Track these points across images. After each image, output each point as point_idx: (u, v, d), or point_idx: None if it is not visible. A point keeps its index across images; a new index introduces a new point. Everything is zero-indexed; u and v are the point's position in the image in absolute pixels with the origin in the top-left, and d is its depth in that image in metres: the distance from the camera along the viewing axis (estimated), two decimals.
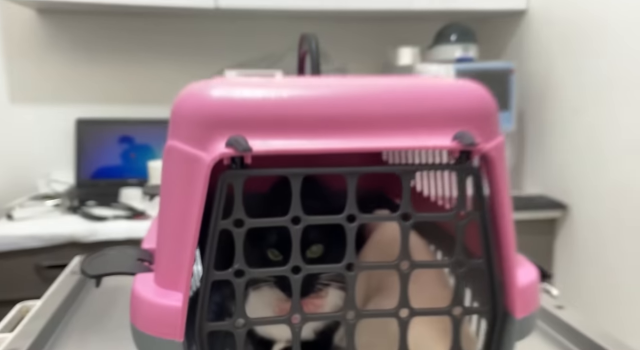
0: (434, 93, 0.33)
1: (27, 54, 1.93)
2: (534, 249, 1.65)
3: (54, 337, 0.58)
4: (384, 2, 1.81)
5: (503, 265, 0.34)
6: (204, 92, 0.33)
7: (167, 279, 0.33)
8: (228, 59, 2.01)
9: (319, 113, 0.32)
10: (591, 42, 1.60)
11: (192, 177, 0.31)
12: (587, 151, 1.64)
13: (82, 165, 1.94)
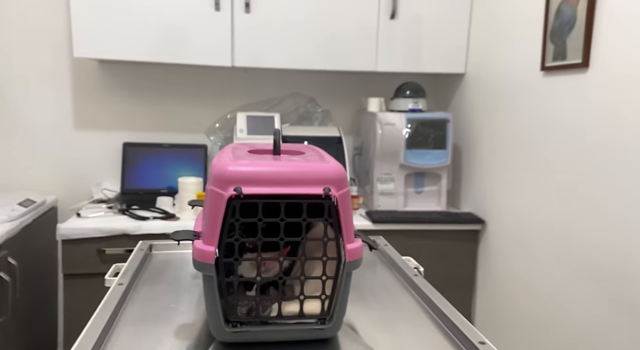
0: (319, 170, 0.71)
1: (89, 92, 2.22)
2: (463, 250, 2.03)
3: (137, 282, 0.96)
4: (359, 65, 2.06)
5: (343, 241, 0.71)
6: (225, 166, 0.71)
7: (207, 241, 0.71)
8: (239, 100, 2.33)
9: (273, 178, 0.70)
10: (505, 101, 1.85)
11: (219, 202, 0.69)
12: (500, 181, 1.88)
13: (126, 178, 2.21)
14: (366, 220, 1.98)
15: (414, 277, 0.99)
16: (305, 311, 0.71)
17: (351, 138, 2.43)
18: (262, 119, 2.11)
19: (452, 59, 2.14)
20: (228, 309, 0.69)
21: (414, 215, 2.00)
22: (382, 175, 2.08)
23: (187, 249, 1.16)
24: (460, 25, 2.11)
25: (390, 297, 0.93)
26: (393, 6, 2.05)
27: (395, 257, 1.13)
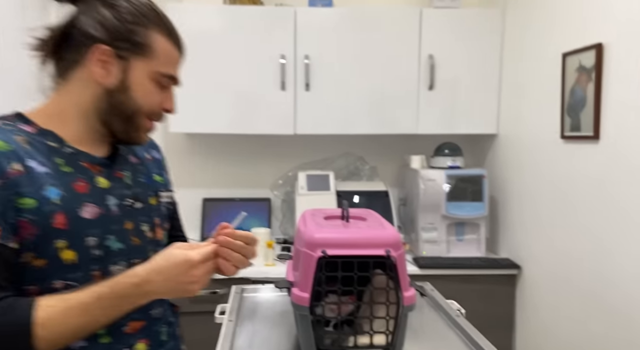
0: (381, 236, 0.94)
1: (176, 157, 2.55)
2: (502, 293, 2.18)
3: (239, 319, 1.20)
4: (402, 128, 2.30)
5: (401, 290, 0.93)
6: (313, 234, 0.95)
7: (301, 288, 0.94)
8: (298, 160, 2.60)
9: (348, 243, 0.93)
10: (534, 160, 2.01)
11: (310, 260, 0.93)
12: (533, 230, 2.02)
13: (205, 228, 2.48)
14: (413, 266, 2.16)
15: (456, 318, 1.18)
16: (374, 342, 0.93)
17: (396, 189, 2.65)
18: (319, 177, 2.37)
19: (486, 121, 2.35)
20: (318, 339, 0.92)
21: (456, 261, 2.17)
22: (426, 224, 2.27)
23: (270, 293, 1.40)
24: (492, 91, 2.34)
25: (437, 334, 1.13)
26: (430, 79, 2.31)
27: (440, 300, 1.32)
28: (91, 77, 0.83)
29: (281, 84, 2.26)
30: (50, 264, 0.78)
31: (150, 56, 0.84)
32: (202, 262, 0.80)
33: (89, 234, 0.81)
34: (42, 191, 0.77)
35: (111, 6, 0.83)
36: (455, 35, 2.30)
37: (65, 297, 0.75)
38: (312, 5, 2.35)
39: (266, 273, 2.07)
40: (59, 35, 0.83)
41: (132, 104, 0.85)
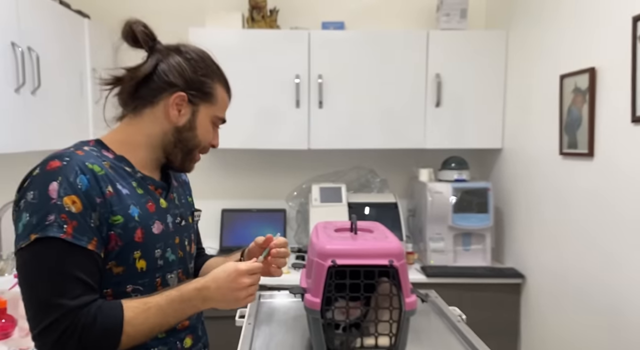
0: (385, 247, 1.03)
1: (196, 170, 2.68)
2: (507, 301, 2.24)
3: (257, 322, 1.29)
4: (410, 143, 2.39)
5: (403, 296, 1.01)
6: (324, 245, 1.04)
7: (313, 294, 1.03)
8: (312, 173, 2.69)
9: (356, 253, 1.02)
10: (536, 173, 2.07)
11: (321, 269, 1.02)
12: (536, 240, 2.07)
13: (224, 237, 2.59)
14: (421, 274, 2.23)
15: (457, 323, 1.25)
16: (379, 344, 1.01)
17: (405, 201, 2.72)
18: (331, 189, 2.47)
19: (491, 137, 2.42)
20: (328, 341, 1.01)
21: (463, 270, 2.24)
22: (434, 235, 2.35)
23: (285, 299, 1.49)
24: (496, 108, 2.41)
25: (438, 338, 1.21)
26: (437, 96, 2.40)
27: (443, 306, 1.39)
28: (164, 116, 0.96)
29: (296, 102, 2.36)
30: (127, 271, 0.90)
31: (214, 103, 1.01)
32: (249, 272, 0.92)
33: (157, 247, 0.95)
34: (127, 210, 0.90)
35: (187, 59, 0.97)
36: (460, 55, 2.38)
37: (144, 300, 0.88)
38: (325, 29, 2.46)
39: (281, 280, 2.15)
40: (142, 77, 0.95)
41: (195, 141, 1.00)
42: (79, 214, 0.83)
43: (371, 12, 2.67)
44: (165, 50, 0.98)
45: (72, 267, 0.82)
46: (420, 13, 2.66)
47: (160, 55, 0.97)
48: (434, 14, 2.58)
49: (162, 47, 0.99)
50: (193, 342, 1.03)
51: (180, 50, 0.98)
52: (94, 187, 0.86)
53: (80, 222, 0.83)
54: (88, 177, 0.86)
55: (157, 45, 0.99)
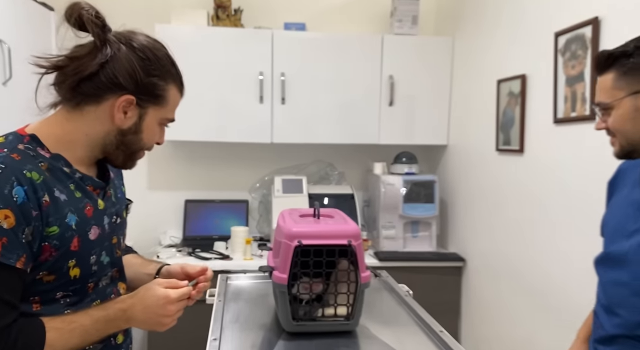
0: (345, 229, 1.14)
1: (160, 162, 2.66)
2: (450, 282, 2.43)
3: (226, 300, 1.37)
4: (366, 139, 2.52)
5: (359, 271, 1.13)
6: (291, 228, 1.14)
7: (281, 271, 1.13)
8: (274, 166, 2.76)
9: (319, 235, 1.13)
10: (475, 167, 2.25)
11: (288, 249, 1.11)
12: (476, 228, 2.25)
13: (187, 227, 2.61)
14: (374, 259, 2.38)
15: (405, 297, 1.39)
16: (338, 313, 1.12)
17: (361, 192, 2.86)
18: (293, 181, 2.56)
19: (437, 134, 2.59)
20: (294, 311, 1.11)
21: (411, 254, 2.40)
22: (386, 223, 2.50)
23: (250, 280, 1.58)
24: (443, 108, 2.58)
25: (388, 309, 1.34)
26: (391, 96, 2.54)
27: (393, 284, 1.53)
28: (108, 117, 0.86)
29: (259, 97, 2.43)
30: (58, 279, 0.84)
31: (164, 105, 0.91)
32: (178, 301, 0.89)
33: (92, 253, 0.88)
34: (64, 219, 0.82)
35: (140, 58, 0.86)
36: (412, 59, 2.53)
37: (69, 319, 0.82)
38: (287, 29, 2.55)
39: (245, 266, 2.23)
40: (87, 74, 0.84)
41: (140, 144, 0.92)
42: (10, 230, 0.75)
43: (331, 15, 2.77)
44: (116, 43, 0.85)
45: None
46: (375, 18, 2.79)
47: (110, 49, 0.85)
48: (388, 19, 2.72)
49: (113, 39, 0.86)
50: (124, 338, 1.00)
51: (133, 46, 0.86)
52: (31, 199, 0.77)
53: (10, 238, 0.75)
54: (25, 188, 0.77)
55: (108, 36, 0.86)
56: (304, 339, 1.10)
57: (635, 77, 0.92)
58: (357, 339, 1.12)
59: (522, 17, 1.86)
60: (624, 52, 0.94)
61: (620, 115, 0.95)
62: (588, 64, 1.46)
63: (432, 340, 1.13)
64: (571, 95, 1.55)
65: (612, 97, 0.96)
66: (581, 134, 1.53)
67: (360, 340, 1.12)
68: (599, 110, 1.00)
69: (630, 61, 0.92)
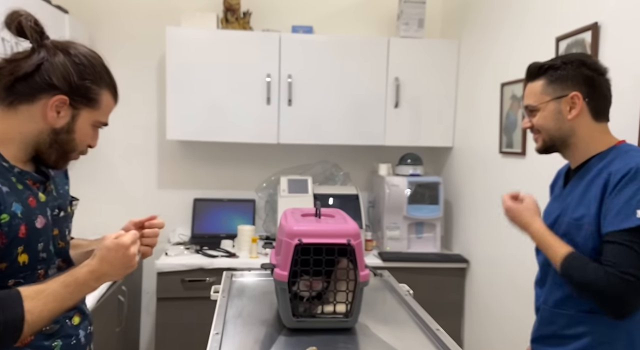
0: (344, 228, 1.17)
1: (169, 161, 2.71)
2: (453, 283, 2.45)
3: (230, 296, 1.41)
4: (371, 140, 2.53)
5: (358, 269, 1.16)
6: (292, 227, 1.18)
7: (281, 268, 1.16)
8: (280, 166, 2.80)
9: (319, 234, 1.16)
10: (480, 169, 2.27)
11: (289, 247, 1.15)
12: (480, 230, 2.26)
13: (196, 225, 2.65)
14: (378, 259, 2.40)
15: (404, 296, 1.42)
16: (337, 310, 1.16)
17: (366, 193, 2.89)
18: (298, 181, 2.60)
19: (443, 136, 2.61)
20: (294, 308, 1.15)
21: (415, 255, 2.42)
22: (390, 224, 2.52)
23: (254, 278, 1.62)
24: (448, 110, 2.60)
25: (388, 307, 1.36)
26: (396, 98, 2.56)
27: (394, 283, 1.56)
28: (41, 116, 0.91)
29: (267, 99, 2.47)
30: (9, 266, 0.88)
31: (97, 108, 0.97)
32: (132, 243, 0.93)
33: (40, 241, 0.93)
34: (11, 208, 0.87)
35: (74, 63, 0.93)
36: (418, 61, 2.56)
37: (40, 288, 0.86)
38: (295, 32, 2.58)
39: (251, 264, 2.27)
40: (22, 74, 0.89)
41: (72, 144, 0.96)
42: None
43: (338, 18, 2.80)
44: (52, 49, 0.92)
45: None
46: (382, 21, 2.82)
47: (46, 53, 0.91)
48: (395, 22, 2.74)
49: (50, 45, 0.93)
50: (80, 320, 1.05)
51: (69, 52, 0.93)
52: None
53: None
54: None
55: (46, 42, 0.93)
56: (304, 335, 1.13)
57: (560, 86, 1.14)
58: (355, 336, 1.15)
59: (525, 21, 1.88)
60: (552, 65, 1.15)
61: (544, 116, 1.16)
62: None
63: (428, 338, 1.16)
64: None
65: (540, 100, 1.17)
66: None
67: (358, 337, 1.15)
68: (526, 111, 1.21)
69: (557, 72, 1.14)
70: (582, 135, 1.14)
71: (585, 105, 1.13)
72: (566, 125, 1.14)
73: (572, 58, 1.14)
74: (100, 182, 2.68)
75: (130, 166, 2.71)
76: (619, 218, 1.02)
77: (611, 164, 1.09)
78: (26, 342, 0.91)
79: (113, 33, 2.58)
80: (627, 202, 1.02)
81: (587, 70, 1.13)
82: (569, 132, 1.15)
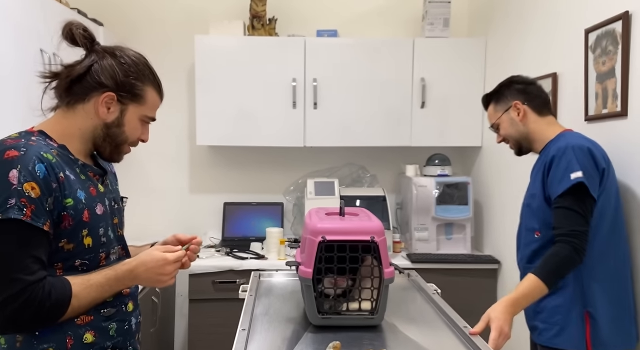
0: (368, 226, 1.17)
1: (200, 167, 2.78)
2: (485, 285, 2.39)
3: (258, 295, 1.42)
4: (398, 141, 2.53)
5: (382, 267, 1.15)
6: (316, 225, 1.18)
7: (306, 265, 1.17)
8: (307, 169, 2.81)
9: (342, 231, 1.17)
10: (510, 169, 2.21)
11: (313, 244, 1.16)
12: (512, 230, 2.20)
13: (226, 228, 2.70)
14: (406, 260, 2.38)
15: (432, 295, 1.40)
16: (362, 308, 1.15)
17: (393, 195, 2.86)
18: (325, 184, 2.61)
19: (471, 135, 2.57)
20: (319, 305, 1.15)
21: (444, 257, 2.38)
22: (418, 225, 2.49)
23: (282, 278, 1.63)
24: (476, 109, 2.55)
25: (414, 305, 1.35)
26: (422, 99, 2.54)
27: (422, 283, 1.54)
28: (94, 112, 1.03)
29: (292, 103, 2.50)
30: (76, 248, 0.98)
31: (143, 103, 1.07)
32: (174, 262, 1.03)
33: (100, 226, 1.03)
34: (76, 194, 0.98)
35: (120, 63, 1.03)
36: (443, 61, 2.53)
37: (86, 277, 0.97)
38: (320, 36, 2.61)
39: (279, 266, 2.29)
40: (76, 76, 1.01)
41: (122, 136, 1.07)
42: (37, 198, 0.90)
43: (362, 20, 2.81)
44: (101, 53, 1.03)
45: (30, 246, 0.90)
46: (407, 22, 2.81)
47: (96, 56, 1.02)
48: (420, 23, 2.73)
49: (99, 49, 1.04)
50: (134, 307, 1.12)
51: (115, 54, 1.04)
52: (50, 173, 0.93)
53: (37, 206, 0.90)
54: (45, 165, 0.92)
55: (96, 47, 1.04)
56: (330, 332, 1.14)
57: (504, 101, 1.53)
58: (381, 333, 1.15)
59: (553, 15, 1.83)
60: (493, 92, 1.57)
61: (504, 128, 1.55)
62: (619, 59, 1.42)
63: (456, 335, 1.14)
64: (602, 92, 1.51)
65: (496, 118, 1.56)
66: (613, 131, 1.49)
67: (385, 334, 1.14)
68: (494, 130, 1.59)
69: (498, 94, 1.55)
70: (535, 130, 1.48)
71: (527, 107, 1.48)
72: (521, 128, 1.50)
73: (507, 81, 1.54)
74: (136, 187, 2.77)
75: (163, 172, 2.80)
76: (558, 185, 1.33)
77: (551, 146, 1.41)
78: (87, 320, 1.00)
79: (145, 43, 2.68)
80: (563, 171, 1.32)
81: (517, 84, 1.51)
82: (525, 132, 1.50)
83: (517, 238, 1.60)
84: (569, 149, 1.33)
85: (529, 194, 1.50)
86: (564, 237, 1.32)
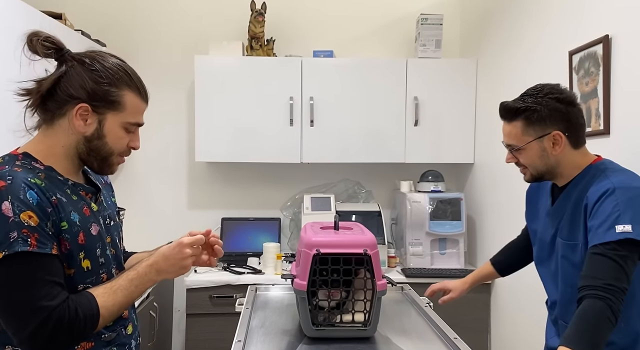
0: (361, 239, 1.20)
1: (199, 182, 2.81)
2: (478, 300, 2.40)
3: (254, 308, 1.44)
4: (392, 158, 2.57)
5: (375, 280, 1.18)
6: (311, 238, 1.21)
7: (301, 278, 1.19)
8: (304, 185, 2.85)
9: (336, 244, 1.19)
10: (502, 184, 2.26)
11: (308, 257, 1.18)
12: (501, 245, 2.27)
13: (223, 243, 2.74)
14: (401, 275, 2.39)
15: (424, 308, 1.42)
16: (355, 319, 1.17)
17: (388, 210, 2.89)
18: (322, 199, 2.64)
19: (463, 152, 2.61)
20: (313, 317, 1.17)
21: (438, 271, 2.40)
22: (413, 240, 2.52)
23: (278, 292, 1.65)
24: (468, 127, 2.60)
25: (407, 318, 1.37)
26: (416, 117, 2.59)
27: (415, 296, 1.56)
28: (72, 126, 0.95)
29: (290, 120, 2.55)
30: (76, 272, 0.95)
31: (121, 110, 0.98)
32: (191, 244, 1.00)
33: (97, 247, 0.99)
34: (70, 216, 0.93)
35: (89, 70, 0.95)
36: (436, 80, 2.59)
37: (109, 285, 0.96)
38: (316, 56, 2.67)
39: (276, 280, 2.31)
40: (45, 91, 0.94)
41: (106, 148, 0.99)
42: (37, 226, 0.87)
43: (357, 42, 2.88)
44: (70, 61, 0.96)
45: (44, 272, 0.87)
46: (400, 43, 2.88)
47: (65, 66, 0.95)
48: (413, 44, 2.80)
49: (69, 57, 0.96)
50: (132, 329, 1.10)
51: (84, 61, 0.96)
52: (42, 199, 0.88)
53: (40, 232, 0.87)
54: (35, 191, 0.88)
55: (65, 56, 0.97)
56: (324, 344, 1.15)
57: (540, 126, 1.20)
58: (375, 345, 1.16)
59: (540, 37, 1.90)
60: (527, 107, 1.22)
61: (530, 156, 1.24)
62: (601, 80, 1.47)
63: (447, 346, 1.16)
64: (586, 111, 1.56)
65: (523, 141, 1.23)
66: (597, 149, 1.53)
67: (378, 346, 1.16)
68: (508, 148, 1.29)
69: (535, 114, 1.20)
70: (567, 164, 1.22)
71: (566, 139, 1.20)
72: (551, 160, 1.22)
73: (544, 94, 1.21)
74: (135, 203, 2.79)
75: (162, 187, 2.82)
76: (600, 232, 1.08)
77: (589, 185, 1.17)
78: (88, 346, 0.97)
79: (146, 63, 2.74)
80: (606, 219, 1.08)
81: (560, 105, 1.19)
82: (555, 165, 1.23)
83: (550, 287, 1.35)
84: (617, 192, 1.09)
85: (565, 244, 1.23)
86: (594, 291, 1.03)
